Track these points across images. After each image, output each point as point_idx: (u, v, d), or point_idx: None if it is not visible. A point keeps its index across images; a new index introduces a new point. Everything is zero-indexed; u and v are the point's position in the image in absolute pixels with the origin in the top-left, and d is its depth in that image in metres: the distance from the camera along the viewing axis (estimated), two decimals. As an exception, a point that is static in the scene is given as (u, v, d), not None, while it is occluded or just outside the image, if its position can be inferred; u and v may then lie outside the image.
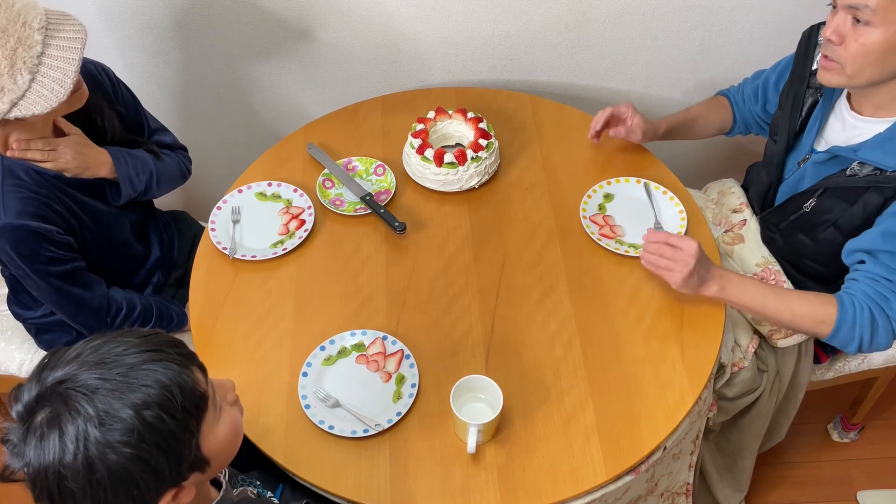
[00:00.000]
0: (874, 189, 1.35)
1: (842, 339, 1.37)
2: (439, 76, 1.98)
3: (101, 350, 0.86)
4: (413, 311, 1.47)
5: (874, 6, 1.23)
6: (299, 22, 1.86)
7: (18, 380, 1.72)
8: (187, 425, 0.87)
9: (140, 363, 0.86)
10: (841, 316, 1.34)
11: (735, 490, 1.86)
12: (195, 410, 0.89)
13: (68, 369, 0.84)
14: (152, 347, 0.88)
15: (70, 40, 1.26)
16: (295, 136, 1.78)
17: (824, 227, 1.46)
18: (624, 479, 1.28)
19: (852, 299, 1.35)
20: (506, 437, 1.30)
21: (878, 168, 1.34)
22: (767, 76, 1.65)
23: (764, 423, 1.74)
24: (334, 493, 1.25)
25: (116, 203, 1.53)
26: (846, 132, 1.43)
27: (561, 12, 1.85)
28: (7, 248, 1.35)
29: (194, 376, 0.89)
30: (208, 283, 1.52)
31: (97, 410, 0.82)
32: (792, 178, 1.55)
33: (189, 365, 0.90)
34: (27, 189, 1.36)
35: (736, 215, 1.70)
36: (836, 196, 1.42)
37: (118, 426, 0.82)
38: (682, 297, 1.47)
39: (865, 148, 1.36)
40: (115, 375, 0.84)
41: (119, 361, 0.85)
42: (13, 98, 1.22)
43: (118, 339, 0.88)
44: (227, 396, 0.98)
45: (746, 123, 1.74)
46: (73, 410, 0.82)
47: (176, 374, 0.87)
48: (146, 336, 0.89)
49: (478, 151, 1.62)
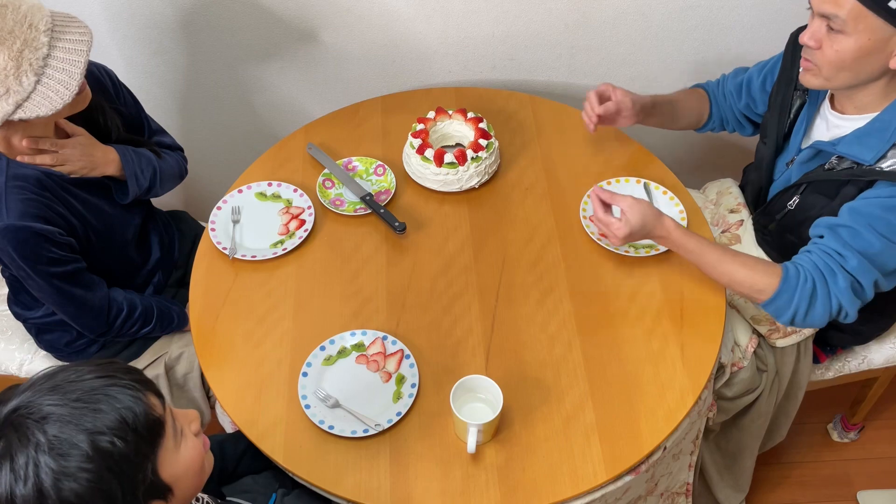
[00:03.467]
0: (852, 182, 1.36)
1: (777, 307, 1.35)
2: (439, 76, 1.98)
3: (55, 378, 0.86)
4: (413, 311, 1.47)
5: (844, 16, 1.25)
6: (300, 22, 1.86)
7: (18, 380, 1.72)
8: (141, 449, 0.87)
9: (93, 389, 0.85)
10: (782, 286, 1.33)
11: (735, 490, 1.86)
12: (150, 435, 0.88)
13: (22, 398, 0.84)
14: (106, 374, 0.87)
15: (76, 42, 1.26)
16: (295, 136, 1.78)
17: (808, 223, 1.46)
18: (624, 479, 1.28)
19: (798, 269, 1.34)
20: (506, 437, 1.30)
21: (856, 161, 1.35)
22: (751, 76, 1.65)
23: (764, 422, 1.74)
24: (334, 493, 1.25)
25: (123, 201, 1.53)
26: (829, 132, 1.44)
27: (561, 12, 1.85)
28: (9, 248, 1.35)
29: (149, 401, 0.89)
30: (208, 283, 1.52)
31: (48, 438, 0.81)
32: (781, 179, 1.56)
33: (144, 391, 0.89)
34: (30, 191, 1.36)
35: (733, 215, 1.70)
36: (817, 192, 1.43)
37: (71, 452, 0.82)
38: (682, 297, 1.47)
39: (844, 142, 1.37)
40: (68, 401, 0.83)
41: (72, 387, 0.85)
42: (18, 99, 1.22)
43: (72, 367, 0.88)
44: (192, 426, 0.98)
45: (724, 119, 1.73)
46: (23, 438, 0.81)
47: (129, 398, 0.86)
48: (101, 364, 0.89)
49: (478, 151, 1.62)
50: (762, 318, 1.59)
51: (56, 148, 1.38)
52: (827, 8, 1.26)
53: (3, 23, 1.20)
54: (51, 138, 1.38)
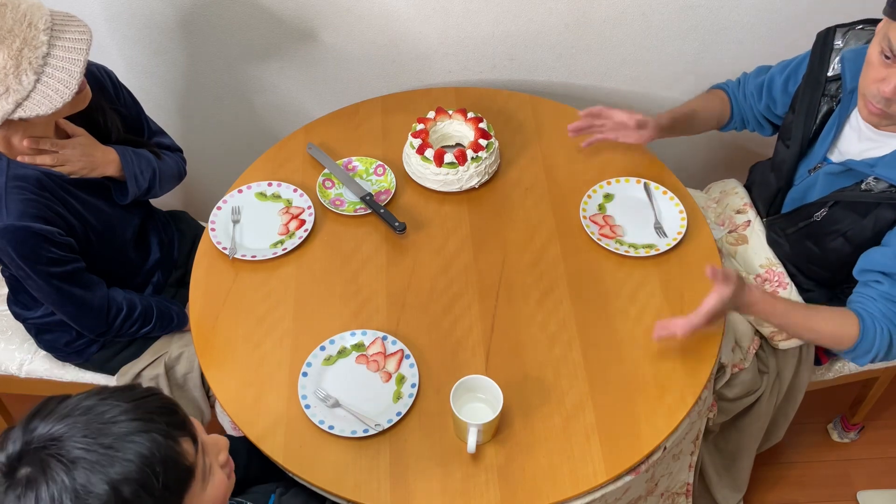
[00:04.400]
0: (887, 205, 1.35)
1: (856, 355, 1.39)
2: (439, 76, 1.98)
3: (92, 412, 0.85)
4: (413, 311, 1.47)
5: None
6: (299, 22, 1.86)
7: (18, 380, 1.72)
8: (166, 500, 0.86)
9: (126, 434, 0.84)
10: (862, 336, 1.35)
11: (733, 490, 1.86)
12: (177, 485, 0.87)
13: (55, 429, 0.84)
14: (141, 416, 0.86)
15: (75, 41, 1.26)
16: (295, 136, 1.78)
17: (833, 236, 1.46)
18: (624, 479, 1.28)
19: (873, 320, 1.35)
20: (506, 437, 1.30)
21: (894, 185, 1.34)
22: (773, 76, 1.61)
23: (763, 424, 1.74)
24: (334, 493, 1.25)
25: (123, 202, 1.53)
26: (861, 143, 1.41)
27: (561, 12, 1.85)
28: (8, 248, 1.35)
29: (181, 449, 0.88)
30: (208, 283, 1.52)
31: (74, 483, 0.81)
32: (802, 185, 1.54)
33: (178, 437, 0.88)
34: (29, 191, 1.36)
35: (740, 216, 1.69)
36: (848, 208, 1.42)
37: (93, 501, 0.81)
38: (682, 297, 1.47)
39: (883, 164, 1.36)
40: (97, 447, 0.83)
41: (105, 430, 0.84)
42: (18, 98, 1.22)
43: (111, 401, 0.87)
44: (219, 457, 0.97)
45: (744, 119, 1.71)
46: (50, 479, 0.81)
47: (161, 447, 0.85)
48: (139, 400, 0.88)
49: (478, 151, 1.62)
50: (763, 320, 1.59)
51: (56, 148, 1.37)
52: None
53: (3, 21, 1.20)
54: (51, 139, 1.38)
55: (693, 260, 1.53)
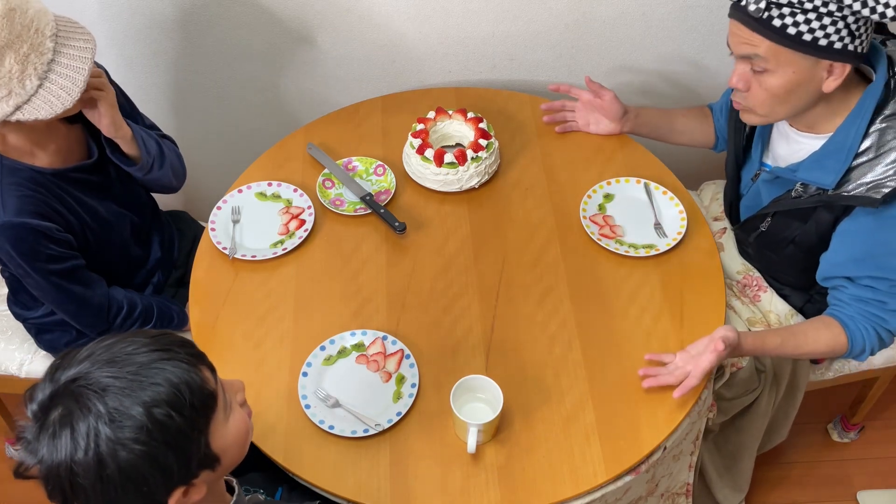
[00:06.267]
0: (823, 207, 1.37)
1: (855, 356, 1.42)
2: (439, 76, 1.98)
3: (113, 349, 0.88)
4: (413, 311, 1.47)
5: (763, 54, 1.25)
6: (299, 22, 1.86)
7: (18, 380, 1.72)
8: (196, 423, 0.88)
9: (150, 362, 0.87)
10: (851, 341, 1.39)
11: (734, 490, 1.86)
12: (204, 409, 0.90)
13: (80, 368, 0.86)
14: (162, 347, 0.89)
15: (81, 50, 1.28)
16: (295, 136, 1.78)
17: (784, 244, 1.49)
18: (624, 480, 1.28)
19: (855, 323, 1.39)
20: (506, 437, 1.30)
21: (821, 188, 1.35)
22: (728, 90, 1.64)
23: (763, 423, 1.74)
24: (334, 493, 1.25)
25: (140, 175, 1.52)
26: (790, 146, 1.44)
27: (561, 12, 1.85)
28: (7, 246, 1.35)
29: (203, 375, 0.91)
30: (208, 283, 1.52)
31: (108, 408, 0.83)
32: (749, 194, 1.57)
33: (198, 364, 0.91)
34: (26, 187, 1.36)
35: (717, 223, 1.71)
36: (789, 216, 1.44)
37: (128, 423, 0.83)
38: (682, 297, 1.47)
39: (804, 168, 1.38)
40: (125, 374, 0.85)
41: (129, 360, 0.87)
42: (18, 102, 1.24)
43: (129, 338, 0.89)
44: (238, 397, 1.00)
45: (721, 137, 1.73)
46: (84, 408, 0.83)
47: (185, 372, 0.88)
48: (156, 336, 0.91)
49: (478, 151, 1.62)
50: (757, 321, 1.59)
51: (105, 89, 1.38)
52: (745, 49, 1.27)
53: (12, 26, 1.21)
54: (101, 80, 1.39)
55: (693, 260, 1.53)
